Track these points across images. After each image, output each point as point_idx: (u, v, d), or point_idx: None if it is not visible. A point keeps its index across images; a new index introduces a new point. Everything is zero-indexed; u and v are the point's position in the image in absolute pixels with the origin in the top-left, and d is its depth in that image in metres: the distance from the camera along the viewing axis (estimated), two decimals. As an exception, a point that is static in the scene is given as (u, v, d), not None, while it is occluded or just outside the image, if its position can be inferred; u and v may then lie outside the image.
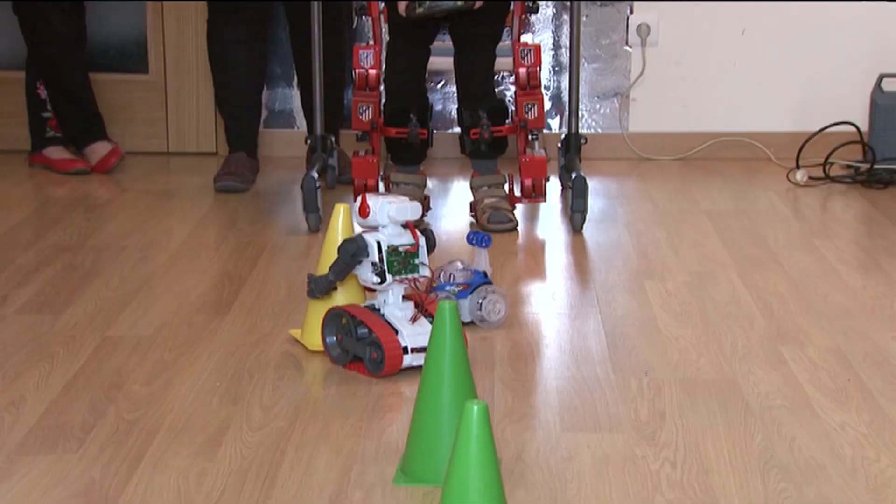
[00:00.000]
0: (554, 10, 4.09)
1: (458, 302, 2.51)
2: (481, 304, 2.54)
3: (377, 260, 2.28)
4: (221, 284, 2.85)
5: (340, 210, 2.46)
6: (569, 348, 2.47)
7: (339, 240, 2.38)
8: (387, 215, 2.30)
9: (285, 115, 4.18)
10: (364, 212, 2.31)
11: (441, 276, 2.60)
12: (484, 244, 2.64)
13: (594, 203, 3.40)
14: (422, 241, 2.34)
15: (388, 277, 2.29)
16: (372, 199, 2.31)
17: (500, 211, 3.30)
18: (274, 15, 3.86)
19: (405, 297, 2.34)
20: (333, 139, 3.52)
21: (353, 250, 2.29)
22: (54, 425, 2.09)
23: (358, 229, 2.38)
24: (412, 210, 2.30)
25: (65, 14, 3.71)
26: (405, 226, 2.31)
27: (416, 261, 2.32)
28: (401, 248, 2.30)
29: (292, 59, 3.91)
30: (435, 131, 3.46)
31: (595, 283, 2.87)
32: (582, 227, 3.28)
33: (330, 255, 2.38)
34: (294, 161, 3.95)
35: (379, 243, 2.29)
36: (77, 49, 3.80)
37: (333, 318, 2.36)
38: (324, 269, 2.37)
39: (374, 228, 2.32)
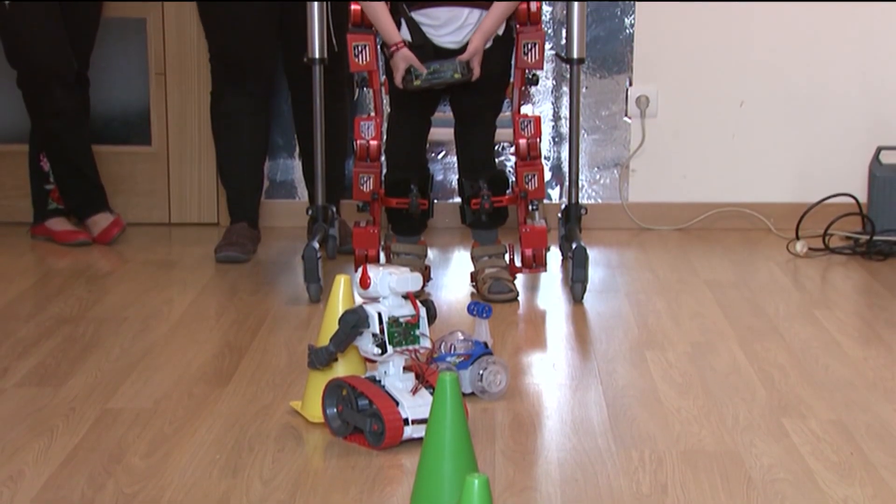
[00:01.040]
0: (554, 82, 4.12)
1: (459, 373, 2.51)
2: (482, 375, 2.54)
3: (378, 331, 2.28)
4: (222, 355, 2.84)
5: (341, 281, 2.47)
6: (570, 419, 2.46)
7: (340, 311, 2.38)
8: (388, 286, 2.30)
9: (287, 186, 4.20)
10: (365, 283, 2.31)
11: (442, 346, 2.60)
12: (484, 315, 2.64)
13: (595, 273, 3.41)
14: (422, 311, 2.34)
15: (389, 348, 2.29)
16: (373, 271, 2.31)
17: (500, 281, 3.30)
18: (276, 87, 3.89)
19: (406, 369, 2.34)
20: (335, 209, 3.54)
21: (353, 321, 2.29)
22: (53, 499, 2.08)
23: (359, 300, 2.38)
24: (413, 281, 2.31)
25: (69, 89, 3.74)
26: (406, 297, 2.32)
27: (417, 332, 2.32)
28: (401, 320, 2.30)
29: (294, 131, 3.94)
30: (436, 201, 3.48)
31: (596, 354, 2.86)
32: (582, 298, 3.28)
33: (331, 326, 2.38)
34: (295, 231, 3.97)
35: (380, 314, 2.29)
36: (80, 122, 3.83)
37: (334, 390, 2.36)
38: (324, 340, 2.37)
39: (375, 299, 2.32)
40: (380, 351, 2.29)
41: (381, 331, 2.28)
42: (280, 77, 3.85)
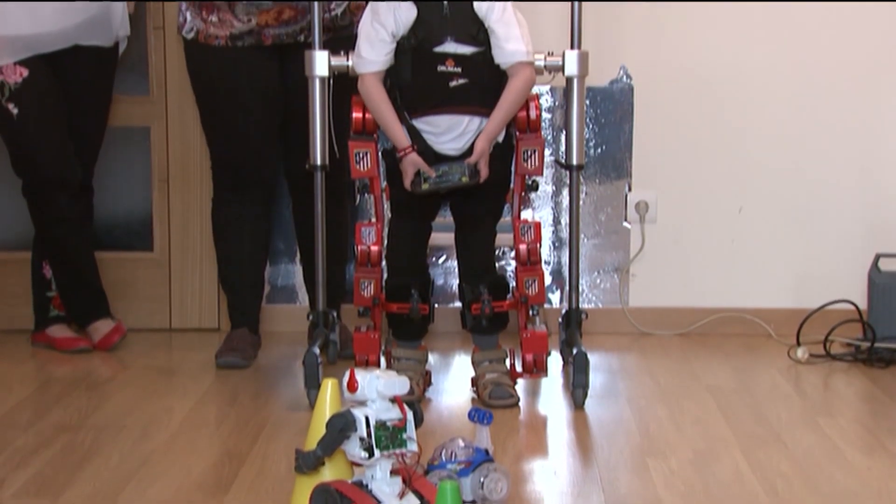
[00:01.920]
0: (553, 187, 4.15)
1: (460, 481, 2.49)
2: (483, 482, 2.52)
3: (365, 435, 2.29)
4: (221, 463, 2.82)
5: (329, 385, 2.48)
6: (572, 529, 2.44)
7: (328, 414, 2.38)
8: (375, 390, 2.31)
9: (287, 291, 4.20)
10: (352, 386, 2.32)
11: (442, 454, 2.58)
12: (485, 421, 2.63)
13: (595, 378, 3.40)
14: (409, 415, 2.34)
15: (376, 452, 2.29)
16: (360, 374, 2.33)
17: (501, 386, 3.30)
18: (277, 193, 3.92)
19: (393, 472, 2.33)
20: (335, 314, 3.54)
21: (341, 425, 2.30)
22: None
23: (347, 404, 2.39)
24: (400, 385, 2.32)
25: (73, 197, 3.76)
26: (393, 400, 2.32)
27: (404, 435, 2.32)
28: (389, 423, 2.31)
29: (295, 236, 3.96)
30: (436, 306, 3.48)
31: (597, 461, 2.85)
32: (584, 403, 3.27)
33: (318, 429, 2.37)
34: (296, 336, 3.96)
35: (367, 418, 2.30)
36: (83, 230, 3.85)
37: (321, 495, 2.34)
38: (312, 443, 2.36)
39: (363, 403, 2.33)
40: (367, 455, 2.29)
41: (369, 434, 2.29)
42: (281, 182, 3.88)
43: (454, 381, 3.59)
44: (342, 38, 3.49)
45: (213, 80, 3.66)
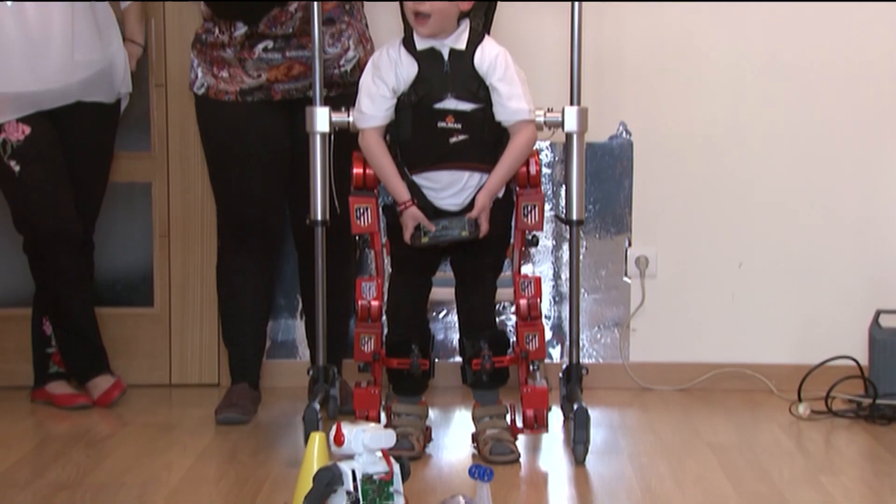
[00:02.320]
0: (553, 242, 4.16)
1: (461, 538, 2.48)
2: (484, 541, 2.50)
3: (352, 488, 2.28)
4: (221, 521, 2.81)
5: (316, 439, 2.47)
6: (573, 588, 2.42)
7: (315, 469, 2.38)
8: (361, 443, 2.32)
9: (288, 346, 4.20)
10: (339, 440, 2.33)
11: (443, 511, 2.57)
12: (486, 478, 2.62)
13: (596, 434, 3.39)
14: (396, 468, 2.34)
15: (363, 505, 2.29)
16: (346, 428, 2.33)
17: (502, 442, 3.28)
18: (281, 249, 3.92)
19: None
20: (336, 370, 3.54)
21: (327, 479, 2.30)
22: None
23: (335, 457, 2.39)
24: (386, 438, 2.33)
25: (74, 253, 3.77)
26: (380, 453, 2.32)
27: (391, 489, 2.32)
28: (375, 477, 2.31)
29: (299, 291, 3.96)
30: (437, 360, 3.48)
31: (599, 519, 2.83)
32: (584, 459, 3.25)
33: (306, 484, 2.37)
34: (296, 391, 3.95)
35: (353, 472, 2.29)
36: (84, 286, 3.85)
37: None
38: (299, 498, 2.36)
39: (350, 457, 2.33)
40: (354, 508, 2.29)
41: (355, 488, 2.29)
42: (287, 238, 3.89)
43: (455, 436, 3.58)
44: (352, 93, 3.52)
45: (222, 135, 3.69)
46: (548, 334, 4.08)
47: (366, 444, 2.30)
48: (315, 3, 3.35)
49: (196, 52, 3.68)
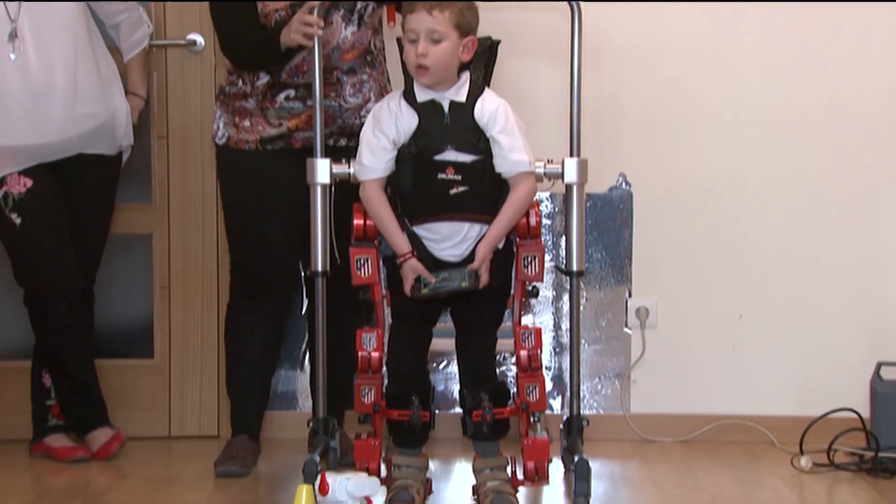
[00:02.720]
0: (554, 293, 4.16)
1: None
2: None
3: None
4: (219, 574, 2.79)
5: (303, 490, 2.47)
6: None
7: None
8: (345, 491, 2.32)
9: (288, 397, 4.19)
10: (323, 489, 2.33)
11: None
12: (487, 531, 2.60)
13: (597, 486, 3.37)
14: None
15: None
16: (331, 477, 2.33)
17: (502, 495, 3.26)
18: (291, 302, 3.90)
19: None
20: (336, 422, 3.52)
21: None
22: None
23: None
24: (370, 486, 2.32)
25: (74, 305, 3.77)
26: (364, 501, 2.32)
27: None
28: None
29: (303, 341, 3.94)
30: (437, 412, 3.47)
31: (601, 571, 2.81)
32: (586, 512, 3.24)
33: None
34: (296, 443, 3.93)
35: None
36: (84, 338, 3.84)
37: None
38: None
39: (335, 506, 2.33)
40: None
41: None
42: (297, 294, 3.88)
43: (455, 488, 3.56)
44: None
45: (241, 183, 3.70)
46: (548, 385, 4.07)
47: (349, 491, 2.31)
48: (316, 51, 3.38)
49: (219, 104, 3.71)
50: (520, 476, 3.37)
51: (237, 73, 3.66)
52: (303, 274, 3.89)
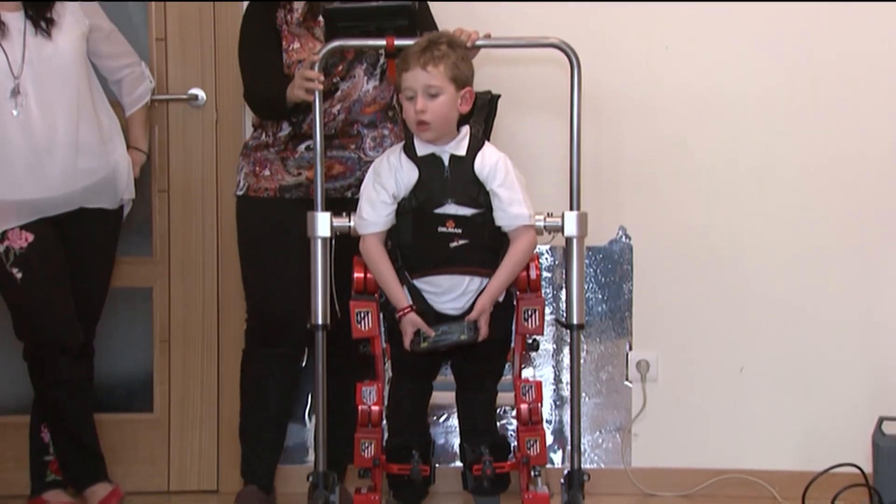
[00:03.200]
0: (554, 346, 4.16)
1: None
2: None
3: None
4: None
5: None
6: None
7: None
8: None
9: (298, 450, 4.14)
10: None
11: None
12: (488, 586, 2.59)
13: (599, 541, 3.36)
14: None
15: None
16: None
17: (503, 550, 3.25)
18: (305, 353, 3.88)
19: None
20: (336, 476, 3.50)
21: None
22: None
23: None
24: None
25: (74, 359, 3.76)
26: None
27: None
28: None
29: (311, 394, 3.91)
30: (437, 466, 3.45)
31: None
32: (587, 567, 3.22)
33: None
34: (298, 498, 3.91)
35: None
36: (84, 393, 3.83)
37: None
38: None
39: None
40: None
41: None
42: (308, 341, 3.86)
43: (455, 544, 3.54)
44: None
45: (258, 230, 3.69)
46: (549, 439, 4.06)
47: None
48: (316, 105, 3.39)
49: (242, 157, 3.73)
50: (521, 530, 3.35)
51: (261, 127, 3.69)
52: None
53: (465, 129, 3.32)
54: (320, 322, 3.39)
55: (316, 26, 3.63)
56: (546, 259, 4.11)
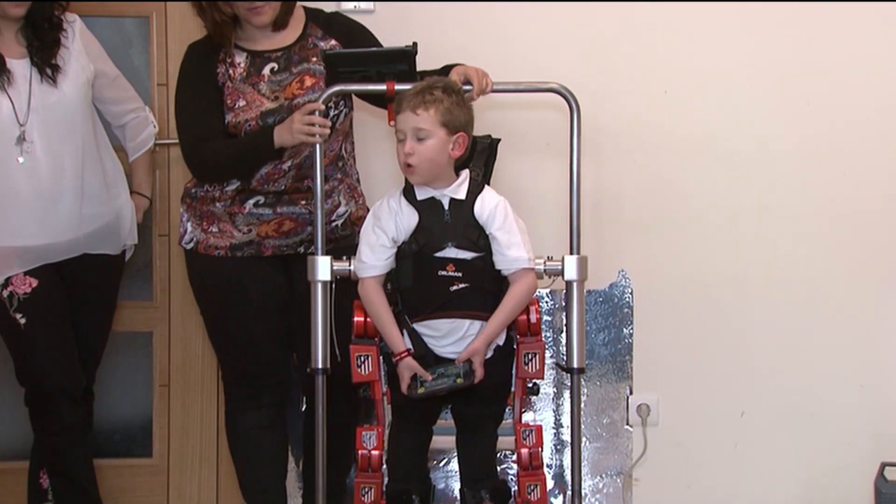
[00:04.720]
0: (555, 389, 4.15)
1: None
2: None
3: None
4: None
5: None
6: None
7: None
8: None
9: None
10: None
11: None
12: None
13: (600, 587, 3.34)
14: None
15: None
16: None
17: None
18: (290, 401, 3.88)
19: None
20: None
21: None
22: None
23: None
24: None
25: (74, 405, 3.74)
26: None
27: None
28: None
29: (302, 440, 3.91)
30: (437, 511, 3.45)
31: None
32: None
33: None
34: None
35: None
36: (83, 439, 3.80)
37: None
38: None
39: None
40: None
41: None
42: (294, 389, 3.86)
43: (456, 589, 3.52)
44: (343, 247, 3.54)
45: (217, 290, 3.67)
46: (549, 483, 4.04)
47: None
48: (317, 152, 3.40)
49: (186, 206, 3.69)
50: (521, 576, 3.33)
51: None
52: (300, 373, 3.85)
53: (465, 173, 3.33)
54: (320, 366, 3.38)
55: (261, 81, 3.57)
56: (546, 303, 4.11)
